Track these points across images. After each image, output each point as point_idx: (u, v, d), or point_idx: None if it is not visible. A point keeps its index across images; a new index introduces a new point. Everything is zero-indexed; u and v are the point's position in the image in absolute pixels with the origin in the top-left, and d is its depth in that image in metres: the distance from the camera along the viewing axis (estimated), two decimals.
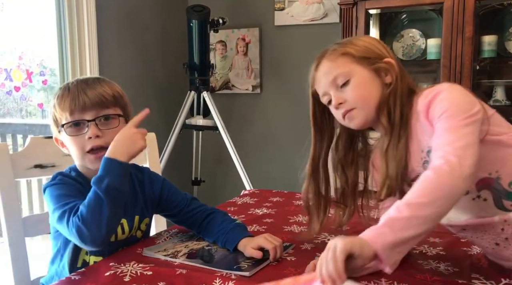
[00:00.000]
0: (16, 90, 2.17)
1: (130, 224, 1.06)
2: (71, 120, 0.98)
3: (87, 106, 0.98)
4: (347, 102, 0.91)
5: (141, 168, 1.16)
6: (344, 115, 0.92)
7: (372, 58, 0.91)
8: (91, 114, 0.98)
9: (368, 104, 0.90)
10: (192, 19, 2.61)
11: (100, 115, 0.99)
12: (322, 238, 1.09)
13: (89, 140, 0.98)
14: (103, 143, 0.98)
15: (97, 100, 0.98)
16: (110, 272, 0.89)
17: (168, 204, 1.13)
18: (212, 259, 0.96)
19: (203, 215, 1.10)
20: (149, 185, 1.11)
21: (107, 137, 0.98)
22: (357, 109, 0.90)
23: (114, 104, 1.02)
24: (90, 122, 0.98)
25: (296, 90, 3.01)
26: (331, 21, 2.83)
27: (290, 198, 1.51)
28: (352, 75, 0.90)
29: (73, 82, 1.02)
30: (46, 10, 2.31)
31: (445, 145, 0.78)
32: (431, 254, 0.99)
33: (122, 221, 1.04)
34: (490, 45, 2.34)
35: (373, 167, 0.99)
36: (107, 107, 1.00)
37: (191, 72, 2.71)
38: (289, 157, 3.06)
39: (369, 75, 0.90)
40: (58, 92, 1.02)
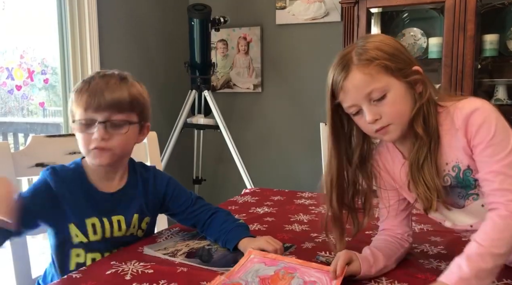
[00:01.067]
0: (17, 89, 2.17)
1: (128, 222, 1.05)
2: (84, 117, 0.99)
3: (102, 108, 0.97)
4: (383, 118, 0.86)
5: (147, 167, 1.15)
6: (378, 130, 0.87)
7: (404, 69, 0.87)
8: (103, 116, 0.98)
9: (404, 119, 0.87)
10: (193, 18, 2.61)
11: (112, 119, 0.99)
12: (323, 237, 1.09)
13: (94, 140, 0.98)
14: (106, 146, 0.98)
15: (112, 103, 0.98)
16: (111, 270, 0.90)
17: (173, 204, 1.13)
18: (210, 258, 0.96)
19: (207, 215, 1.10)
20: (153, 184, 1.11)
21: (113, 141, 0.99)
22: (394, 124, 0.87)
23: (130, 110, 1.01)
24: (100, 123, 0.98)
25: (297, 89, 3.01)
26: (332, 20, 2.82)
27: (291, 197, 1.51)
28: (388, 90, 0.85)
29: (95, 77, 1.01)
30: (47, 9, 2.32)
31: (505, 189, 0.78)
32: (432, 253, 0.99)
33: (119, 218, 1.04)
34: (492, 44, 2.34)
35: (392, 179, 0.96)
36: (121, 112, 0.99)
37: (192, 71, 2.71)
38: (290, 156, 3.06)
39: (404, 88, 0.86)
40: (79, 85, 1.02)
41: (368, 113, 0.86)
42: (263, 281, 0.82)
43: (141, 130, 1.06)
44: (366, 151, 0.96)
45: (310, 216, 1.28)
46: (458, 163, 0.85)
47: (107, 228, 1.03)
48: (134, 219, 1.06)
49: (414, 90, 0.87)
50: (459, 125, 0.83)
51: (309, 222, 1.23)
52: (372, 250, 0.91)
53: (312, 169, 2.88)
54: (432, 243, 1.06)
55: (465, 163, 0.84)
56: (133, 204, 1.07)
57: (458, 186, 0.87)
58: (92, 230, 1.01)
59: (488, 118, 0.81)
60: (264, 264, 0.87)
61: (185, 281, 0.85)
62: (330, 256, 0.97)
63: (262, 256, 0.91)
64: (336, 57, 0.93)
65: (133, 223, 1.07)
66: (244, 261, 0.89)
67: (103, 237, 1.02)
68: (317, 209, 1.36)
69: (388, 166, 0.96)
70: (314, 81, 2.93)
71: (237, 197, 1.52)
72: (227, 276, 0.84)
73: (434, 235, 1.11)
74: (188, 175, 3.11)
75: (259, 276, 0.84)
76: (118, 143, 0.99)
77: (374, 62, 0.85)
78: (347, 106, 0.89)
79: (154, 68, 2.96)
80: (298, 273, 0.84)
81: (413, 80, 0.87)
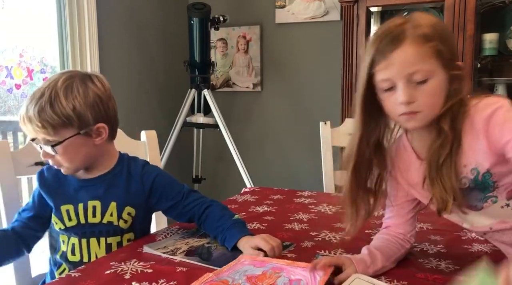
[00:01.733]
0: (17, 87, 2.17)
1: (104, 208, 1.06)
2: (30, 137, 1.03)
3: (33, 132, 1.00)
4: (415, 103, 0.81)
5: (138, 160, 1.15)
6: (405, 113, 0.82)
7: (451, 60, 0.82)
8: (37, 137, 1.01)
9: (435, 111, 0.82)
10: (193, 16, 2.61)
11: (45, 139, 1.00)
12: (323, 236, 1.09)
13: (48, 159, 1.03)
14: (55, 163, 1.03)
15: (32, 130, 0.99)
16: (110, 270, 0.90)
17: (164, 198, 1.11)
18: (210, 257, 0.96)
19: (201, 208, 1.09)
20: (139, 176, 1.10)
21: (56, 158, 1.01)
22: (423, 113, 0.82)
23: (61, 128, 0.99)
24: (35, 143, 1.02)
25: (296, 88, 3.01)
26: (332, 19, 2.82)
27: (290, 196, 1.51)
28: (432, 76, 0.80)
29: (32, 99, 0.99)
30: (46, 7, 2.31)
31: None
32: (432, 252, 0.99)
33: (95, 203, 1.06)
34: (491, 43, 2.34)
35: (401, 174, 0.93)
36: (49, 134, 0.98)
37: (191, 70, 2.71)
38: (289, 155, 3.06)
39: (445, 80, 0.82)
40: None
41: (403, 94, 0.80)
42: (249, 279, 0.82)
43: (90, 135, 1.02)
44: (382, 135, 0.91)
45: (310, 215, 1.28)
46: (477, 167, 0.82)
47: (81, 213, 1.05)
48: (111, 206, 1.06)
49: (451, 85, 0.82)
50: (479, 127, 0.80)
51: (308, 221, 1.23)
52: (370, 250, 0.90)
53: (312, 168, 2.88)
54: (432, 242, 1.06)
55: (485, 166, 0.81)
56: (112, 191, 1.07)
57: (476, 188, 0.84)
58: (67, 216, 1.05)
59: (508, 114, 0.78)
60: (253, 266, 0.88)
61: (184, 280, 0.85)
62: (329, 255, 0.97)
63: (253, 259, 0.91)
64: (382, 26, 0.86)
65: (110, 211, 1.06)
66: (234, 263, 0.89)
67: (78, 223, 1.05)
68: (317, 208, 1.36)
69: (402, 166, 0.93)
70: (313, 80, 2.93)
71: (237, 196, 1.52)
72: (216, 273, 0.85)
73: (434, 234, 1.11)
74: (187, 174, 3.11)
75: (246, 275, 0.84)
76: (64, 160, 1.02)
77: (429, 43, 0.80)
78: (382, 78, 0.82)
79: (154, 67, 2.95)
80: (285, 273, 0.84)
81: (455, 75, 0.82)
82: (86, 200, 1.06)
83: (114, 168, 1.10)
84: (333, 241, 1.06)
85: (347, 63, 2.46)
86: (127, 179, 1.09)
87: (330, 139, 1.72)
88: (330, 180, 1.71)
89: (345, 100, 2.49)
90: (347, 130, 1.77)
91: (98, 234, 1.06)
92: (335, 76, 2.68)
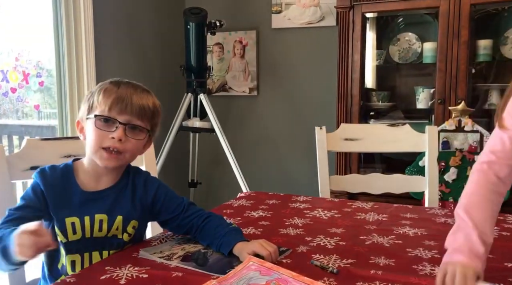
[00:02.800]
0: (12, 91, 2.16)
1: (110, 223, 1.04)
2: (107, 115, 1.01)
3: (127, 111, 1.02)
4: None
5: (141, 172, 1.15)
6: None
7: None
8: (126, 119, 1.02)
9: None
10: (189, 21, 2.62)
11: (133, 123, 1.03)
12: (318, 241, 1.10)
13: (111, 139, 1.01)
14: (121, 148, 1.01)
15: (138, 109, 1.03)
16: (105, 275, 0.89)
17: (164, 210, 1.11)
18: (206, 262, 0.96)
19: (201, 219, 1.09)
20: (143, 188, 1.10)
21: (127, 144, 1.02)
22: None
23: (149, 119, 1.06)
24: (121, 124, 1.01)
25: (292, 93, 3.02)
26: (327, 24, 2.84)
27: (286, 201, 1.52)
28: None
29: (125, 82, 1.06)
30: (43, 11, 2.31)
31: None
32: (426, 258, 1.00)
33: (102, 217, 1.04)
34: (486, 49, 2.36)
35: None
36: (142, 119, 1.04)
37: (188, 74, 2.71)
38: (285, 160, 3.07)
39: None
40: (107, 85, 1.05)
41: None
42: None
43: (148, 142, 1.10)
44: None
45: (305, 220, 1.29)
46: None
47: (87, 227, 1.02)
48: (118, 220, 1.05)
49: None
50: None
51: (304, 226, 1.23)
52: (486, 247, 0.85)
53: (307, 172, 2.88)
54: (426, 247, 1.06)
55: None
56: (118, 205, 1.06)
57: None
58: (71, 229, 1.01)
59: None
60: (260, 273, 0.87)
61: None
62: (324, 259, 0.97)
63: (260, 264, 0.91)
64: None
65: (116, 225, 1.05)
66: (241, 267, 0.89)
67: (83, 236, 1.02)
68: (312, 213, 1.37)
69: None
70: (309, 85, 2.95)
71: (232, 201, 1.52)
72: (219, 280, 0.84)
73: (428, 239, 1.11)
74: (183, 179, 3.11)
75: (249, 283, 0.83)
76: (131, 147, 1.03)
77: None
78: None
79: (150, 71, 2.96)
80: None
81: None
82: (93, 214, 1.03)
83: (120, 181, 1.09)
84: (328, 246, 1.06)
85: (343, 68, 2.47)
86: (132, 191, 1.09)
87: (325, 144, 1.73)
88: (325, 185, 1.72)
89: (341, 105, 2.50)
90: (342, 135, 1.78)
91: (101, 247, 1.05)
92: (331, 81, 2.69)
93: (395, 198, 1.87)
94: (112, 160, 1.02)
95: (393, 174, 1.75)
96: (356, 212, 1.37)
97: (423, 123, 2.32)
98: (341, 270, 0.92)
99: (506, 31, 2.39)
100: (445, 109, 2.30)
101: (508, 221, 1.27)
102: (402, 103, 2.67)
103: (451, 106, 2.27)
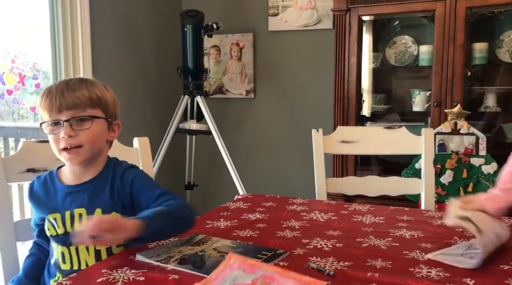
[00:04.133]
0: (8, 93, 2.16)
1: (89, 216, 1.05)
2: (49, 119, 1.04)
3: (63, 107, 1.03)
4: None
5: (121, 162, 1.14)
6: None
7: None
8: (66, 115, 1.03)
9: None
10: (186, 24, 2.62)
11: (76, 116, 1.04)
12: (315, 244, 1.10)
13: (63, 139, 1.03)
14: (74, 143, 1.03)
15: (72, 102, 1.03)
16: (102, 278, 0.89)
17: (137, 203, 1.08)
18: (203, 265, 0.96)
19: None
20: (120, 181, 1.09)
21: (81, 136, 1.04)
22: None
23: (92, 106, 1.06)
24: (65, 122, 1.03)
25: (289, 95, 3.02)
26: (324, 27, 2.85)
27: (283, 203, 1.52)
28: None
29: (56, 83, 1.07)
30: (39, 13, 2.31)
31: None
32: (423, 260, 1.00)
33: (81, 211, 1.06)
34: (481, 52, 2.37)
35: None
36: (83, 109, 1.04)
37: (185, 77, 2.71)
38: (282, 162, 3.07)
39: None
40: (43, 90, 1.08)
41: None
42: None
43: (110, 126, 1.11)
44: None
45: (302, 223, 1.29)
46: None
47: (67, 222, 1.05)
48: (97, 213, 1.05)
49: None
50: None
51: (300, 229, 1.23)
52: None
53: (304, 174, 2.89)
54: (423, 249, 1.06)
55: None
56: (97, 198, 1.07)
57: None
58: (56, 224, 1.06)
59: None
60: (243, 271, 0.87)
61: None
62: (321, 262, 0.97)
63: (242, 261, 0.90)
64: None
65: None
66: (223, 267, 0.88)
67: (65, 231, 1.05)
68: (309, 215, 1.37)
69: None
70: (306, 87, 2.95)
71: (229, 203, 1.52)
72: (204, 283, 0.84)
73: (425, 241, 1.12)
74: (180, 181, 3.11)
75: (235, 284, 0.83)
76: (85, 138, 1.04)
77: None
78: None
79: (147, 73, 2.95)
80: (276, 284, 0.83)
81: None
82: (72, 208, 1.06)
83: (100, 174, 1.10)
84: (325, 249, 1.07)
85: (339, 71, 2.48)
86: (111, 184, 1.08)
87: (322, 146, 1.73)
88: (322, 187, 1.72)
89: (338, 107, 2.50)
90: (339, 137, 1.78)
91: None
92: (328, 83, 2.70)
93: (391, 201, 1.87)
94: (75, 156, 1.04)
95: (390, 177, 1.76)
96: (353, 215, 1.37)
97: (419, 126, 2.33)
98: (337, 273, 0.92)
99: (501, 34, 2.41)
100: (441, 112, 2.31)
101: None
102: (398, 105, 2.68)
103: (447, 108, 2.28)
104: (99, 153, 1.09)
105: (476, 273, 0.92)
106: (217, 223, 1.28)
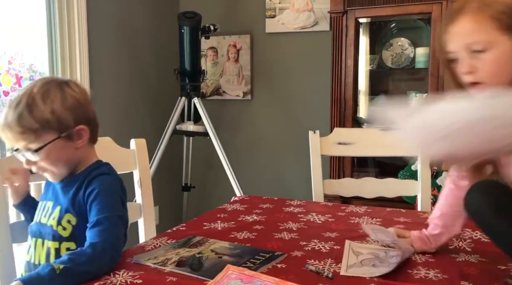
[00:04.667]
0: (5, 94, 2.15)
1: (51, 211, 1.06)
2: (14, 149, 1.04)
3: (13, 141, 1.00)
4: (477, 73, 0.81)
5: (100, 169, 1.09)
6: (470, 84, 0.83)
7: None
8: (20, 145, 1.01)
9: (500, 82, 0.79)
10: (184, 25, 2.62)
11: (28, 150, 1.00)
12: (312, 245, 1.10)
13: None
14: (40, 170, 1.04)
15: (20, 137, 0.99)
16: (99, 282, 0.89)
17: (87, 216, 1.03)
18: (201, 267, 0.96)
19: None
20: (84, 187, 1.04)
21: (42, 163, 1.02)
22: (486, 84, 0.80)
23: (37, 135, 0.99)
24: (16, 151, 1.03)
25: (286, 97, 3.03)
26: (321, 29, 2.85)
27: (280, 205, 1.52)
28: (494, 46, 0.79)
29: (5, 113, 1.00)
30: (36, 14, 2.30)
31: None
32: (421, 262, 1.00)
33: (49, 204, 1.07)
34: None
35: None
36: (30, 141, 0.99)
37: (182, 78, 2.71)
38: (279, 164, 3.07)
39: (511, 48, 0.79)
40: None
41: (462, 64, 0.83)
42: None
43: (71, 138, 1.02)
44: None
45: (299, 224, 1.29)
46: None
47: (39, 211, 1.09)
48: (57, 210, 1.05)
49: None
50: None
51: (298, 230, 1.23)
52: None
53: (301, 176, 2.89)
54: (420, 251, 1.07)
55: None
56: (62, 196, 1.07)
57: None
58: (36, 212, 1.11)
59: None
60: (241, 281, 0.86)
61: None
62: (319, 264, 0.97)
63: (240, 272, 0.89)
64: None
65: (54, 215, 1.05)
66: (221, 277, 0.88)
67: (35, 221, 1.09)
68: (306, 217, 1.37)
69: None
70: (303, 89, 2.96)
71: (226, 205, 1.52)
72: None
73: None
74: (177, 182, 3.10)
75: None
76: (46, 164, 1.02)
77: (487, 12, 0.80)
78: (447, 50, 0.86)
79: (144, 75, 2.95)
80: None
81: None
82: (47, 199, 1.09)
83: (78, 175, 1.07)
84: (323, 251, 1.07)
85: (336, 73, 2.49)
86: (76, 189, 1.05)
87: (319, 148, 1.73)
88: (319, 189, 1.72)
89: (334, 109, 2.51)
90: (336, 139, 1.78)
91: (44, 235, 1.06)
92: (325, 85, 2.70)
93: (388, 202, 1.87)
94: (50, 177, 1.06)
95: (386, 178, 1.76)
96: (350, 216, 1.38)
97: None
98: (336, 275, 0.92)
99: None
100: None
101: None
102: None
103: None
104: (76, 162, 1.07)
105: (472, 275, 0.92)
106: (214, 224, 1.28)
